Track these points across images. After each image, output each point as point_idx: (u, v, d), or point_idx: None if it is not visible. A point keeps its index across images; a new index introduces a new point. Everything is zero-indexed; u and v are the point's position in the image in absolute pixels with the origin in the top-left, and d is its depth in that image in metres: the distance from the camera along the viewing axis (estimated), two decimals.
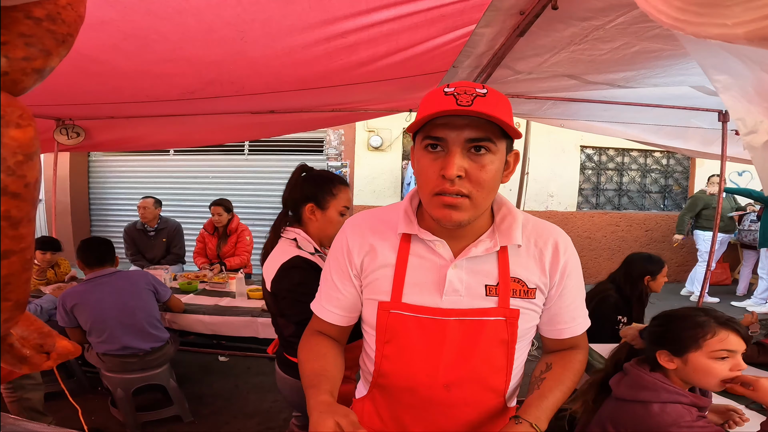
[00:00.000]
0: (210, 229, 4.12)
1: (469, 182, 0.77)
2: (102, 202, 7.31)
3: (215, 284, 3.47)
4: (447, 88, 0.77)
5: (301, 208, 1.60)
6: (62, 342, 0.41)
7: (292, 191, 1.65)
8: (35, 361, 0.40)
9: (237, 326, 2.78)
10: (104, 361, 2.45)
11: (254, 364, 3.59)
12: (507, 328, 0.89)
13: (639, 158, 6.91)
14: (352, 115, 3.37)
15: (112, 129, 3.63)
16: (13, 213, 0.28)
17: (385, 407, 0.99)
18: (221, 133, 3.77)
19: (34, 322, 0.39)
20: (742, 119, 0.75)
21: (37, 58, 0.31)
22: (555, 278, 0.91)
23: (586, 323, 0.98)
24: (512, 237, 0.87)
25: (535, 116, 3.09)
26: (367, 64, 1.81)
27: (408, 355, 0.91)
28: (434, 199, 0.80)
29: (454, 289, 0.88)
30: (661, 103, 2.70)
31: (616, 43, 1.64)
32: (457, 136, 0.76)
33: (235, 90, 2.27)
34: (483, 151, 0.77)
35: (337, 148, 6.49)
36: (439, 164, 0.78)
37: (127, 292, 2.46)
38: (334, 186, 1.59)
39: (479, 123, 0.75)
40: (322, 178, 1.62)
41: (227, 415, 2.83)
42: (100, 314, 2.38)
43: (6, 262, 0.29)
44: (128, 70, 1.90)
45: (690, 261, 6.43)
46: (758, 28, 0.41)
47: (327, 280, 1.00)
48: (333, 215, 1.57)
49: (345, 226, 0.98)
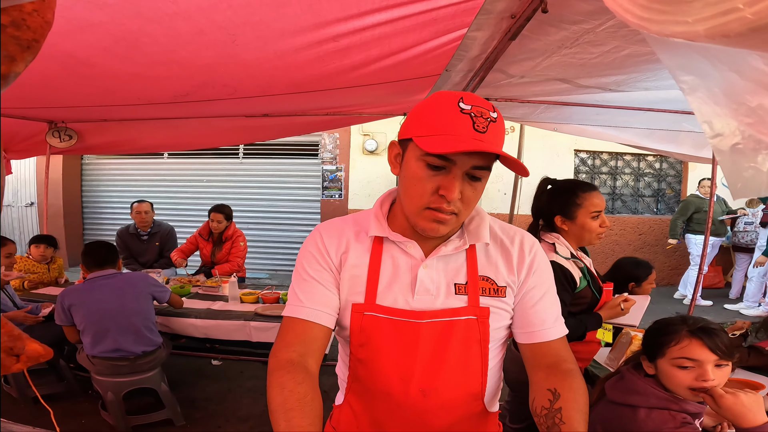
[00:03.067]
0: (205, 235, 4.05)
1: (462, 202, 0.81)
2: (95, 205, 7.27)
3: (208, 288, 3.45)
4: (462, 102, 0.76)
5: (552, 220, 1.68)
6: (32, 345, 0.41)
7: (539, 203, 1.73)
8: (6, 364, 0.40)
9: (229, 330, 2.77)
10: (94, 364, 2.44)
11: (247, 368, 3.57)
12: (479, 327, 0.89)
13: (632, 162, 6.96)
14: (347, 119, 3.38)
15: (105, 132, 3.62)
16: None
17: (363, 413, 0.97)
18: (215, 136, 3.76)
19: (5, 325, 0.39)
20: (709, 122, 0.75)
21: (1, 64, 0.31)
22: (522, 275, 0.93)
23: (561, 329, 0.94)
24: (480, 236, 0.91)
25: (528, 120, 3.10)
26: (359, 68, 1.82)
27: (382, 358, 0.90)
28: (425, 213, 0.82)
29: (425, 288, 0.89)
30: (652, 106, 2.72)
31: (606, 47, 1.65)
32: (466, 162, 0.78)
33: (228, 93, 2.26)
34: (479, 177, 0.81)
35: (332, 152, 6.49)
36: (438, 182, 0.79)
37: (126, 293, 2.47)
38: (577, 196, 1.64)
39: (486, 154, 0.77)
40: (565, 189, 1.68)
41: (220, 418, 2.81)
42: (96, 313, 2.37)
43: None
44: (120, 72, 1.90)
45: (683, 265, 6.47)
46: (718, 24, 0.41)
47: (304, 280, 0.93)
48: (584, 221, 1.63)
49: (316, 229, 0.97)
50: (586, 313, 1.68)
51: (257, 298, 3.16)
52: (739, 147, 0.76)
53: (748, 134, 0.75)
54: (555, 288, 0.98)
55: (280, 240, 6.87)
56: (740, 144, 0.75)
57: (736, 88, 0.76)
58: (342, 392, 1.02)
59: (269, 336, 2.71)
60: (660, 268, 6.87)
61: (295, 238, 6.80)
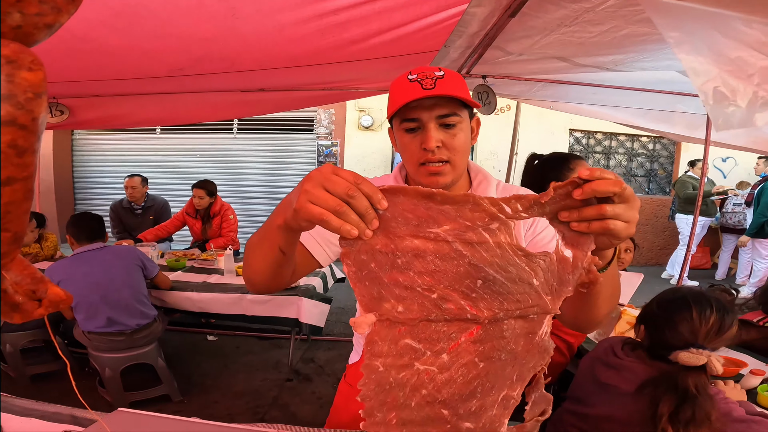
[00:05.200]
0: (192, 212, 3.98)
1: (447, 150, 0.91)
2: (86, 180, 7.20)
3: (203, 261, 3.43)
4: (410, 75, 0.90)
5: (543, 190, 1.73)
6: (55, 289, 0.41)
7: (530, 178, 1.77)
8: (27, 308, 0.40)
9: (225, 303, 2.75)
10: (90, 340, 2.42)
11: (243, 343, 3.59)
12: None
13: (626, 142, 6.99)
14: (343, 94, 3.35)
15: (98, 107, 3.55)
16: (20, 142, 0.32)
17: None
18: (209, 109, 3.71)
19: (27, 267, 0.40)
20: (694, 68, 0.89)
21: (48, 14, 0.34)
22: (527, 223, 1.01)
23: None
24: (487, 194, 0.99)
25: (525, 98, 3.10)
26: (358, 42, 1.81)
27: None
28: (420, 169, 0.93)
29: None
30: (648, 87, 2.73)
31: (605, 26, 1.66)
32: (429, 115, 0.89)
33: (225, 67, 2.24)
34: (452, 124, 0.91)
35: (328, 128, 6.44)
36: (419, 140, 0.91)
37: (115, 267, 2.43)
38: (570, 162, 1.69)
39: (445, 101, 0.89)
40: (558, 158, 1.74)
41: (216, 393, 2.83)
42: (85, 288, 2.34)
43: (9, 189, 0.32)
44: (116, 47, 1.87)
45: (672, 245, 6.58)
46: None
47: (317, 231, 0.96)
48: None
49: None
50: None
51: None
52: (720, 89, 0.90)
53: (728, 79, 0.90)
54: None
55: None
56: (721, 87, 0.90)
57: (718, 44, 0.91)
58: (359, 348, 1.08)
59: (265, 310, 2.71)
60: (649, 248, 7.00)
61: None
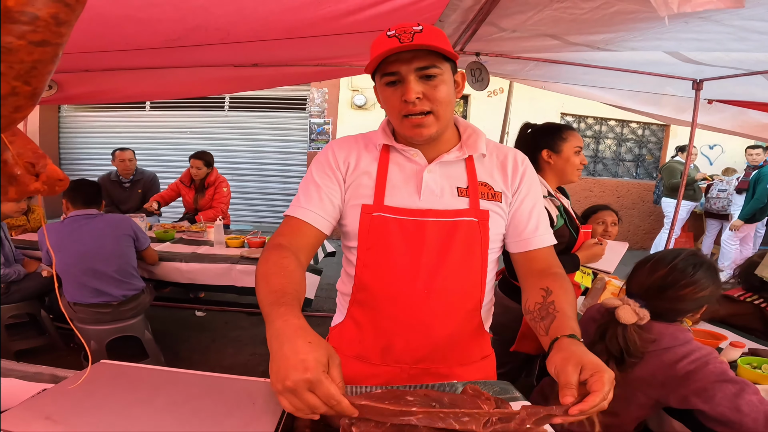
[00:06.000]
0: (187, 182, 4.02)
1: (428, 101, 0.92)
2: (73, 157, 7.11)
3: (192, 233, 3.40)
4: (389, 32, 0.90)
5: (537, 157, 1.79)
6: (53, 166, 0.44)
7: (523, 146, 1.82)
8: (24, 181, 0.43)
9: (215, 274, 2.72)
10: (76, 311, 2.39)
11: (232, 318, 3.57)
12: (479, 229, 0.99)
13: (616, 127, 7.07)
14: (337, 70, 3.34)
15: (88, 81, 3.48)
16: (61, 16, 0.37)
17: (367, 324, 1.04)
18: (201, 84, 3.68)
19: (30, 142, 0.43)
20: None
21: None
22: (516, 182, 1.04)
23: (550, 238, 1.05)
24: (477, 147, 1.02)
25: (517, 77, 3.14)
26: (354, 13, 1.82)
27: (389, 259, 0.98)
28: (404, 122, 0.95)
29: (431, 190, 0.99)
30: (638, 68, 2.78)
31: (596, 2, 1.69)
32: (407, 67, 0.90)
33: (220, 37, 2.23)
34: (432, 75, 0.91)
35: (320, 106, 6.42)
36: (400, 92, 0.92)
37: (106, 236, 2.41)
38: (563, 131, 1.79)
39: (423, 54, 0.90)
40: (551, 127, 1.83)
41: (204, 368, 2.73)
42: (74, 255, 2.32)
43: (41, 49, 0.37)
44: (111, 15, 1.85)
45: (656, 229, 6.73)
46: None
47: (308, 186, 1.02)
48: (569, 155, 1.77)
49: (329, 144, 1.07)
50: (563, 254, 1.77)
51: (243, 242, 3.10)
52: None
53: None
54: (543, 203, 1.08)
55: (265, 192, 6.87)
56: None
57: None
58: (343, 309, 1.09)
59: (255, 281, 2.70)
60: (634, 232, 7.14)
61: (280, 190, 6.81)
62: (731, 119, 3.55)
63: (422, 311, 0.99)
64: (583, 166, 1.82)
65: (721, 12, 1.56)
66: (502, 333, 1.59)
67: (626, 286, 1.35)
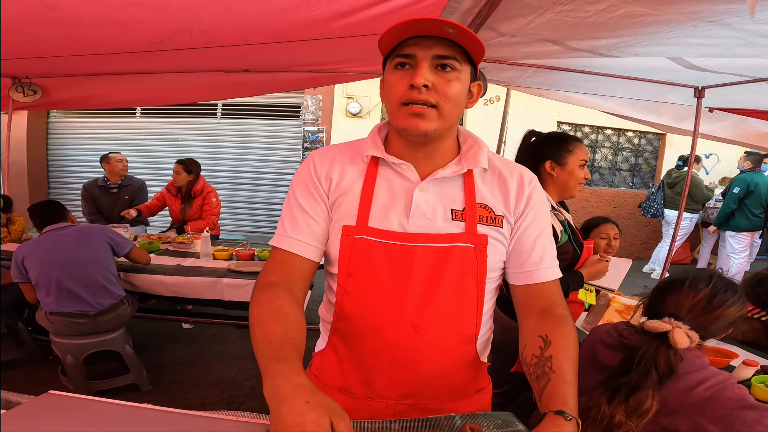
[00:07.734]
0: (173, 190, 3.89)
1: (436, 93, 0.80)
2: (61, 164, 6.97)
3: (179, 244, 3.28)
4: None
5: (540, 167, 1.69)
6: None
7: (526, 155, 1.73)
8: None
9: (200, 288, 2.60)
10: (53, 323, 2.32)
11: (220, 331, 3.46)
12: (476, 257, 0.87)
13: (612, 136, 7.04)
14: (331, 77, 3.25)
15: (73, 87, 3.39)
16: None
17: (348, 356, 0.92)
18: (191, 91, 3.58)
19: None
20: None
21: None
22: (520, 206, 0.91)
23: (556, 272, 0.93)
24: (478, 161, 0.89)
25: (515, 84, 3.07)
26: (347, 15, 1.73)
27: (372, 288, 0.87)
28: (402, 109, 0.82)
29: (421, 212, 0.87)
30: (639, 75, 2.71)
31: (601, 5, 1.61)
32: (425, 52, 0.79)
33: (206, 41, 2.13)
34: (449, 68, 0.80)
35: (315, 114, 6.34)
36: (408, 77, 0.80)
37: (79, 242, 2.36)
38: (570, 143, 1.68)
39: (447, 44, 0.79)
40: (557, 137, 1.72)
41: (189, 383, 2.72)
42: (48, 263, 2.27)
43: None
44: (88, 16, 1.76)
45: (654, 239, 6.67)
46: None
47: (292, 210, 0.91)
48: (573, 168, 1.67)
49: (310, 155, 0.95)
50: (567, 270, 1.68)
51: (231, 254, 2.99)
52: None
53: None
54: (551, 229, 0.96)
55: (257, 201, 6.75)
56: None
57: None
58: (324, 336, 0.98)
59: (243, 294, 2.57)
60: (631, 242, 7.08)
61: (273, 199, 6.69)
62: (731, 128, 3.50)
63: (408, 347, 0.87)
64: (586, 180, 1.73)
65: (734, 15, 1.48)
66: (502, 352, 1.48)
67: (657, 308, 1.23)
